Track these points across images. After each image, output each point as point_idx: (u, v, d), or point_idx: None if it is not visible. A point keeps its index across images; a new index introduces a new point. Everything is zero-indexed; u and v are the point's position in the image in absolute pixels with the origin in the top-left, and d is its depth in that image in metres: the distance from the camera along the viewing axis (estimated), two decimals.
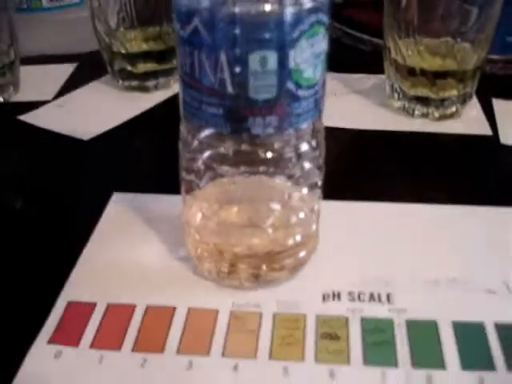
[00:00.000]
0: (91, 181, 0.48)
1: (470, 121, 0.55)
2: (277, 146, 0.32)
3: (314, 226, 0.37)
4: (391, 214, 0.42)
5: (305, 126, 0.32)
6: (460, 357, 0.31)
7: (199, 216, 0.37)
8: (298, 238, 0.36)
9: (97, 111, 0.57)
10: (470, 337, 0.32)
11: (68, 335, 0.33)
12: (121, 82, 0.59)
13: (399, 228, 0.41)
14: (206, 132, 0.32)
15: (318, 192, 0.37)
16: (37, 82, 0.61)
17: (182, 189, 0.36)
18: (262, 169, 0.33)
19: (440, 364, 0.31)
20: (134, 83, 0.59)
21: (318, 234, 0.38)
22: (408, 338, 0.32)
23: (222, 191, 0.37)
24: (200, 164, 0.35)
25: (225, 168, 0.34)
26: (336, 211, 0.41)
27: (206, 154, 0.34)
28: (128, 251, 0.39)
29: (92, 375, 0.31)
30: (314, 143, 0.34)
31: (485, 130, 0.54)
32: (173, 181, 0.37)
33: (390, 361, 0.31)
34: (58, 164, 0.48)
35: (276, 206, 0.36)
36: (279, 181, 0.35)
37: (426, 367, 0.31)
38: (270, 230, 0.35)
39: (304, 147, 0.34)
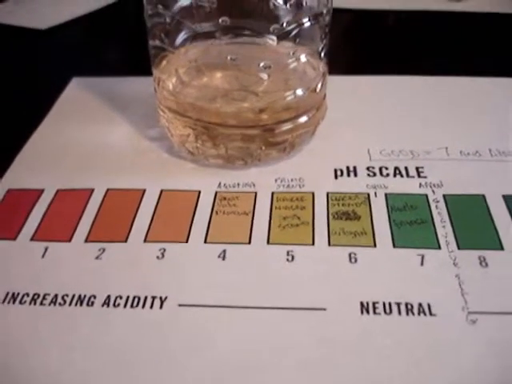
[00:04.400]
0: (50, 68, 0.41)
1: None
2: None
3: (318, 90, 0.29)
4: (412, 87, 0.35)
5: None
6: None
7: (174, 81, 0.29)
8: (299, 93, 0.27)
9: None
10: None
11: (3, 227, 0.25)
12: None
13: (421, 101, 0.33)
14: None
15: (322, 61, 0.29)
16: None
17: (153, 63, 0.29)
18: (248, 23, 0.26)
19: (494, 244, 0.23)
20: None
21: (325, 104, 0.30)
22: (449, 215, 0.24)
23: (201, 52, 0.29)
24: (170, 21, 0.27)
25: (200, 24, 0.27)
26: (346, 85, 0.33)
27: (177, 4, 0.27)
28: (86, 134, 0.31)
29: (31, 271, 0.23)
30: None
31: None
32: (141, 63, 0.30)
33: (429, 241, 0.23)
34: (16, 53, 0.43)
35: (271, 69, 0.28)
36: (271, 41, 0.27)
37: (478, 248, 0.23)
38: (262, 94, 0.27)
39: None
